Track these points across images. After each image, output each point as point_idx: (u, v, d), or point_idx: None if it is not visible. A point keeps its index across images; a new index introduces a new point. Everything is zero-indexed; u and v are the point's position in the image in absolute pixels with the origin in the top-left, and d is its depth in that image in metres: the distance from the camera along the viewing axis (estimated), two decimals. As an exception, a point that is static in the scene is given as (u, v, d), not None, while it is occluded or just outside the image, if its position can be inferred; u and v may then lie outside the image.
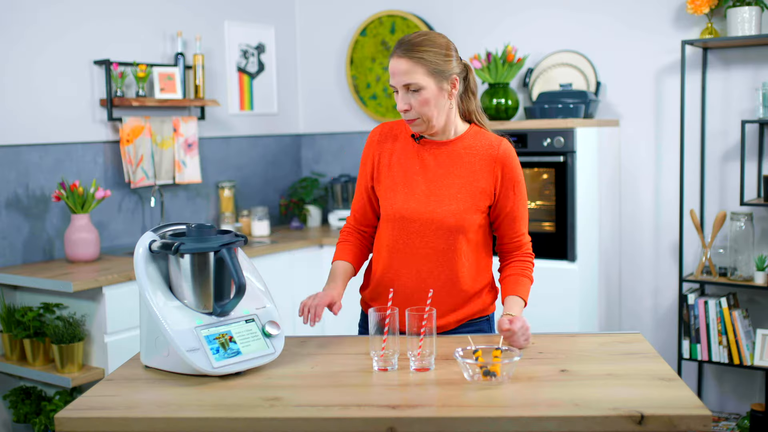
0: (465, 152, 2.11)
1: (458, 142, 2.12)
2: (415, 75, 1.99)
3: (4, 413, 3.50)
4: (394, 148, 2.17)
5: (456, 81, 2.05)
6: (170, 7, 4.15)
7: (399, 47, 2.02)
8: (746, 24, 3.43)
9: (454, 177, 2.10)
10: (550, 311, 3.62)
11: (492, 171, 2.09)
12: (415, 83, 2.00)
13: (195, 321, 1.83)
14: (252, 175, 4.62)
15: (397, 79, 2.02)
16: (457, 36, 4.38)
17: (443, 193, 2.09)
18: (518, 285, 2.14)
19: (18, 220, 3.50)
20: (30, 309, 3.28)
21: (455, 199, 2.09)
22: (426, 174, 2.11)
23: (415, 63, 1.99)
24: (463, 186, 2.09)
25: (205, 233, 1.88)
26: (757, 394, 3.71)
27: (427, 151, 2.13)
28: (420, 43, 2.01)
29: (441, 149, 2.12)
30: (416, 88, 2.00)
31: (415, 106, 2.02)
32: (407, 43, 2.01)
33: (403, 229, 2.11)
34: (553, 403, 1.59)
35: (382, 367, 1.83)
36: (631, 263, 3.97)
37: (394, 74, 2.02)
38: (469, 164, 2.10)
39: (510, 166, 2.10)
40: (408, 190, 2.12)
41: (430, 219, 2.09)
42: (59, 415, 1.62)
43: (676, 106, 3.78)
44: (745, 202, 3.40)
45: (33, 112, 3.57)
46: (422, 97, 2.00)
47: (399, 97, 2.04)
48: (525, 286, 2.15)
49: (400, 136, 2.17)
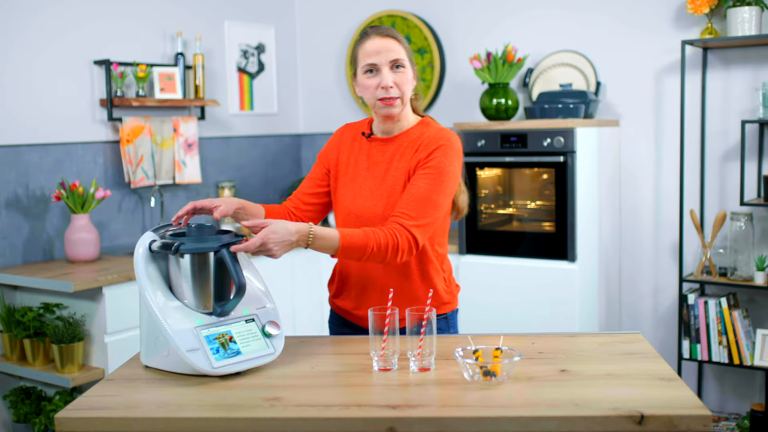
0: (409, 145, 2.13)
1: (404, 136, 2.16)
2: (400, 52, 2.09)
3: (4, 413, 3.50)
4: (352, 148, 2.23)
5: (416, 72, 2.16)
6: (170, 7, 4.15)
7: (378, 30, 2.10)
8: (746, 24, 3.43)
9: (396, 170, 2.12)
10: (550, 311, 3.62)
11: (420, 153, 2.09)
12: (401, 59, 2.08)
13: (195, 321, 1.83)
14: (252, 175, 4.62)
15: (384, 55, 2.07)
16: (457, 36, 4.38)
17: (386, 186, 2.12)
18: (352, 231, 1.96)
19: (18, 220, 3.50)
20: (30, 309, 3.28)
21: (393, 191, 2.10)
22: (373, 170, 2.16)
23: (399, 43, 2.10)
24: (400, 177, 2.11)
25: (204, 233, 1.88)
26: (757, 394, 3.71)
27: (374, 147, 2.18)
28: (394, 30, 2.14)
29: (387, 145, 2.17)
30: (402, 64, 2.09)
31: (398, 84, 2.08)
32: (385, 28, 2.12)
33: (356, 226, 2.11)
34: (553, 403, 1.59)
35: (382, 367, 1.83)
36: (631, 263, 3.97)
37: (380, 51, 2.07)
38: (408, 155, 2.12)
39: (428, 147, 2.08)
40: (357, 187, 2.16)
41: (375, 214, 2.11)
42: (59, 415, 1.62)
43: (676, 106, 3.78)
44: (745, 202, 3.40)
45: (33, 112, 3.57)
46: (405, 75, 2.09)
47: (383, 74, 2.07)
48: (356, 233, 1.95)
49: (358, 136, 2.23)
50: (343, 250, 1.94)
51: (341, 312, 2.28)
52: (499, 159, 3.75)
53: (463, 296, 3.84)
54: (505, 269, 3.75)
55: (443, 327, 2.21)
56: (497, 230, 3.83)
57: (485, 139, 3.77)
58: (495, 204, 3.92)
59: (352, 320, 2.26)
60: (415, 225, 2.00)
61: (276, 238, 1.84)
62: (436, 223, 2.06)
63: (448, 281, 2.23)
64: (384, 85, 2.07)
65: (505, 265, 3.75)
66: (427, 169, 2.05)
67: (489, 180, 3.91)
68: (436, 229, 2.11)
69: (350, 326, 2.27)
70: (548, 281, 3.63)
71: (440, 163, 2.05)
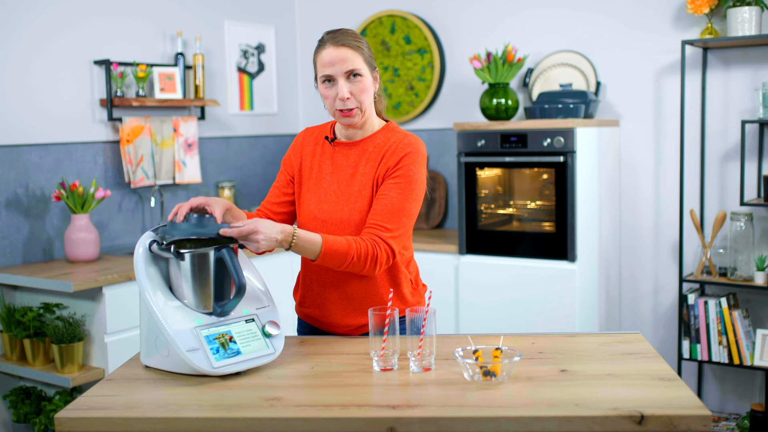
0: (373, 149, 2.12)
1: (368, 141, 2.14)
2: (356, 61, 2.04)
3: (4, 413, 3.50)
4: (314, 152, 2.20)
5: (378, 73, 2.12)
6: (170, 7, 4.15)
7: (333, 38, 2.05)
8: (746, 24, 3.43)
9: (360, 175, 2.11)
10: (550, 311, 3.62)
11: (388, 161, 2.08)
12: (357, 69, 2.04)
13: (195, 321, 1.83)
14: (252, 175, 4.62)
15: (338, 66, 2.03)
16: (457, 36, 4.38)
17: (351, 191, 2.11)
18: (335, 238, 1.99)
19: (18, 220, 3.50)
20: (30, 309, 3.28)
21: (360, 196, 2.10)
22: (337, 175, 2.14)
23: (354, 50, 2.04)
24: (367, 183, 2.10)
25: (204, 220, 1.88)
26: (757, 394, 3.71)
27: (338, 152, 2.16)
28: (352, 34, 2.07)
29: (352, 149, 2.15)
30: (358, 74, 2.04)
31: (355, 94, 2.05)
32: (341, 34, 2.06)
33: (319, 231, 2.11)
34: (553, 403, 1.59)
35: (383, 367, 1.83)
36: (631, 263, 3.97)
37: (334, 62, 2.03)
38: (374, 161, 2.11)
39: (395, 154, 2.07)
40: (322, 192, 2.15)
41: (340, 219, 2.10)
42: (59, 415, 1.62)
43: (676, 106, 3.78)
44: (745, 202, 3.40)
45: (33, 112, 3.57)
46: (363, 84, 2.05)
47: (339, 86, 2.04)
48: (338, 240, 1.97)
49: (320, 140, 2.21)
50: (324, 255, 1.96)
51: (308, 319, 2.26)
52: (499, 159, 3.75)
53: (463, 296, 3.87)
54: (505, 269, 3.75)
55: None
56: (497, 230, 3.83)
57: (485, 139, 3.77)
58: (495, 204, 3.92)
59: (319, 327, 2.24)
60: (392, 236, 2.03)
61: (264, 230, 1.87)
62: (409, 231, 2.10)
63: (415, 282, 2.23)
64: (340, 96, 2.05)
65: (505, 265, 3.75)
66: (397, 178, 2.06)
67: (489, 180, 3.91)
68: None
69: (318, 333, 2.25)
70: (548, 281, 3.63)
71: (409, 171, 2.07)
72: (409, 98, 4.56)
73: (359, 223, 2.09)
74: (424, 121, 4.55)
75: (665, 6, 3.79)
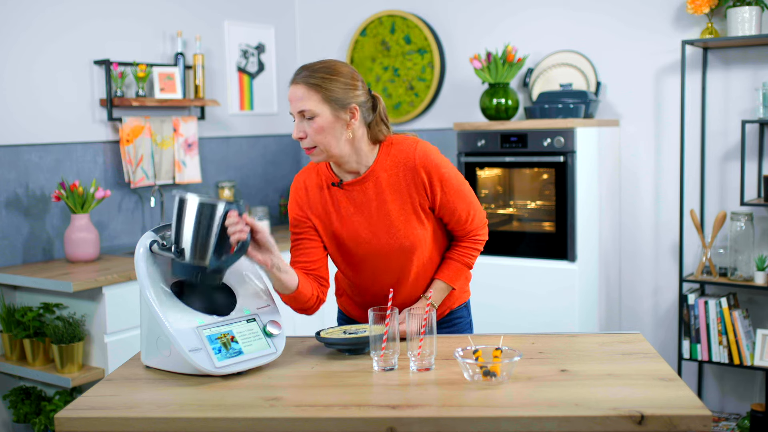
0: (387, 175, 2.06)
1: (377, 169, 2.06)
2: (308, 102, 1.95)
3: (4, 413, 3.50)
4: (322, 198, 2.11)
5: (356, 110, 1.98)
6: (170, 7, 4.15)
7: (298, 74, 1.99)
8: (746, 24, 3.43)
9: (391, 203, 2.06)
10: (550, 311, 3.62)
11: (419, 182, 2.05)
12: (309, 110, 1.95)
13: (197, 321, 1.83)
14: (252, 175, 4.62)
15: (293, 105, 1.98)
16: (457, 36, 4.38)
17: (388, 222, 2.06)
18: (447, 268, 2.17)
19: (18, 220, 3.50)
20: (30, 309, 3.28)
21: (406, 224, 2.06)
22: (362, 210, 2.07)
23: (309, 89, 1.95)
24: (401, 208, 2.06)
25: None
26: (757, 394, 3.71)
27: (352, 190, 2.08)
28: (318, 70, 1.97)
29: (364, 184, 2.06)
30: (311, 116, 1.95)
31: (310, 134, 1.96)
32: (307, 69, 1.98)
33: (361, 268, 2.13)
34: (553, 403, 1.59)
35: (382, 367, 1.84)
36: (631, 263, 3.97)
37: (291, 100, 1.98)
38: (395, 185, 2.05)
39: (431, 168, 2.04)
40: (351, 234, 2.08)
41: (388, 251, 2.08)
42: (59, 415, 1.62)
43: (676, 106, 3.78)
44: (745, 202, 3.40)
45: (33, 112, 3.57)
46: (317, 124, 1.95)
47: (295, 124, 1.99)
48: (454, 270, 2.17)
49: (324, 186, 2.11)
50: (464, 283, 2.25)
51: (346, 312, 2.31)
52: (499, 159, 3.75)
53: (463, 296, 3.86)
54: (505, 269, 3.75)
55: (464, 314, 2.30)
56: (497, 230, 3.83)
57: (485, 139, 3.77)
58: (495, 204, 3.92)
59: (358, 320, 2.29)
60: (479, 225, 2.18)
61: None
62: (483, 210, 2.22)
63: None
64: (293, 136, 2.00)
65: (505, 265, 3.75)
66: (445, 190, 2.06)
67: (489, 180, 3.91)
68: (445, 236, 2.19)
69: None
70: (548, 281, 3.63)
71: (441, 174, 2.06)
72: (409, 98, 4.56)
73: (411, 248, 2.08)
74: (424, 121, 4.55)
75: (665, 6, 3.79)
